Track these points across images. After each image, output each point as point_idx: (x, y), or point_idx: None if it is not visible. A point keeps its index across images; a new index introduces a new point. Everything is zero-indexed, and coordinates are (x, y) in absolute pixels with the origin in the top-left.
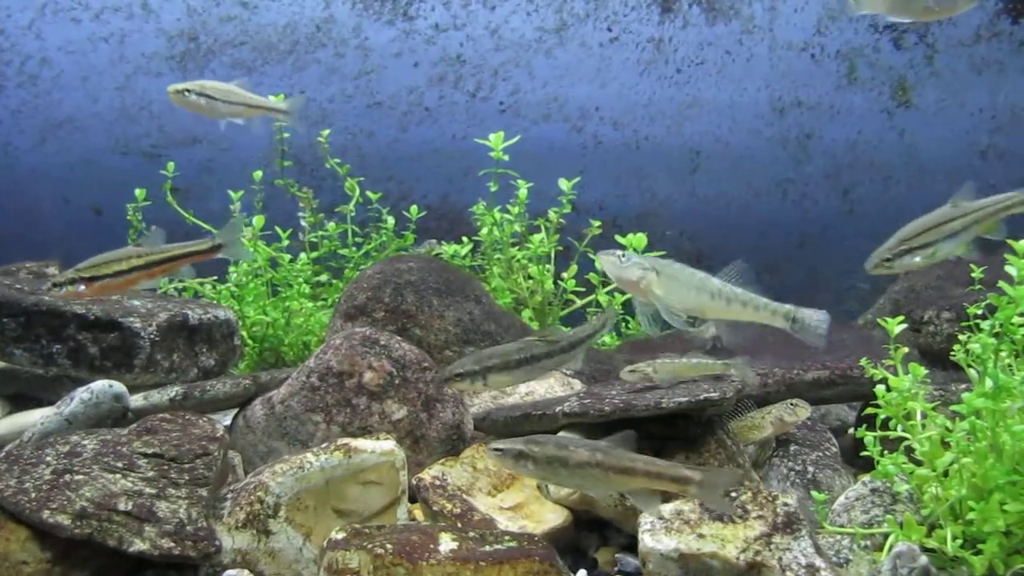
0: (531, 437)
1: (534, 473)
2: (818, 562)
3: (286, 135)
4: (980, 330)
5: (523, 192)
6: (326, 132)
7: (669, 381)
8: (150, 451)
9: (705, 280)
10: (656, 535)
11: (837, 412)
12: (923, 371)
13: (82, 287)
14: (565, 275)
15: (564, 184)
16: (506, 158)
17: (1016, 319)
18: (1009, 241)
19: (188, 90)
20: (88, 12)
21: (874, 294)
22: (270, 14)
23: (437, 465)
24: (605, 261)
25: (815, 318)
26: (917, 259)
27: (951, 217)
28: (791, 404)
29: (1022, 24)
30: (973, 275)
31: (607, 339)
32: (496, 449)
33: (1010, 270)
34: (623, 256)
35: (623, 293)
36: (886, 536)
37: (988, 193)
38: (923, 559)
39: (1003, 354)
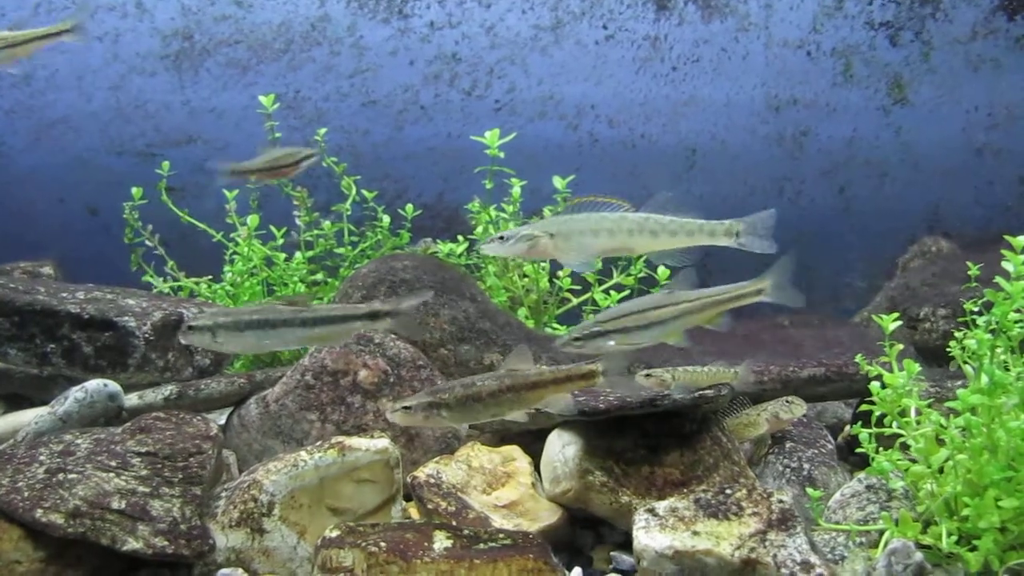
0: (434, 387)
1: (450, 419)
2: (813, 559)
3: (278, 135)
4: (976, 326)
5: (517, 190)
6: (322, 131)
7: (685, 388)
8: (144, 450)
9: (618, 220)
10: (651, 532)
11: (834, 409)
12: (917, 368)
13: None
14: (560, 273)
15: (559, 182)
16: (501, 155)
17: (1012, 315)
18: (1006, 237)
19: None
20: (82, 12)
21: (870, 292)
22: (265, 13)
23: (432, 463)
24: (489, 250)
25: (761, 219)
26: (611, 343)
27: (659, 305)
28: (786, 401)
29: (1018, 21)
30: (969, 272)
31: None
32: (404, 407)
33: (1007, 266)
34: (504, 236)
35: (618, 291)
36: (881, 533)
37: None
38: (918, 556)
39: (999, 350)
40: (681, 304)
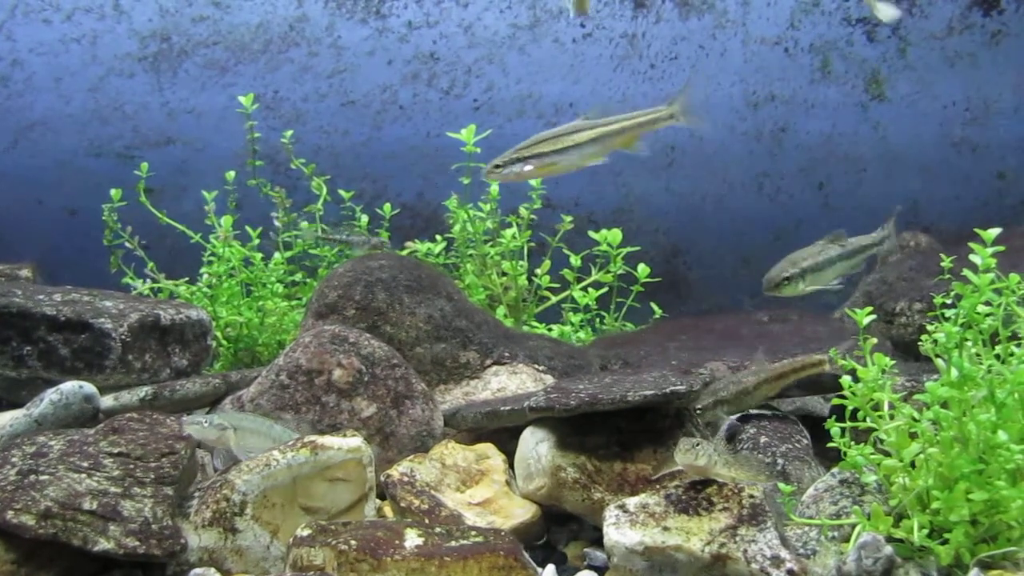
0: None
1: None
2: (783, 554)
3: (257, 135)
4: (946, 320)
5: (495, 188)
6: (288, 132)
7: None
8: (116, 451)
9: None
10: (621, 528)
11: (812, 405)
12: (888, 361)
13: None
14: (539, 271)
15: (534, 180)
16: (479, 151)
17: (981, 308)
18: (976, 230)
19: None
20: (59, 13)
21: (851, 287)
22: (243, 13)
23: (406, 461)
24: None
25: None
26: (528, 168)
27: (575, 129)
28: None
29: (994, 17)
30: (943, 265)
31: (582, 335)
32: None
33: (974, 259)
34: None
35: (597, 288)
36: (853, 527)
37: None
38: (888, 549)
39: (969, 343)
40: (597, 128)
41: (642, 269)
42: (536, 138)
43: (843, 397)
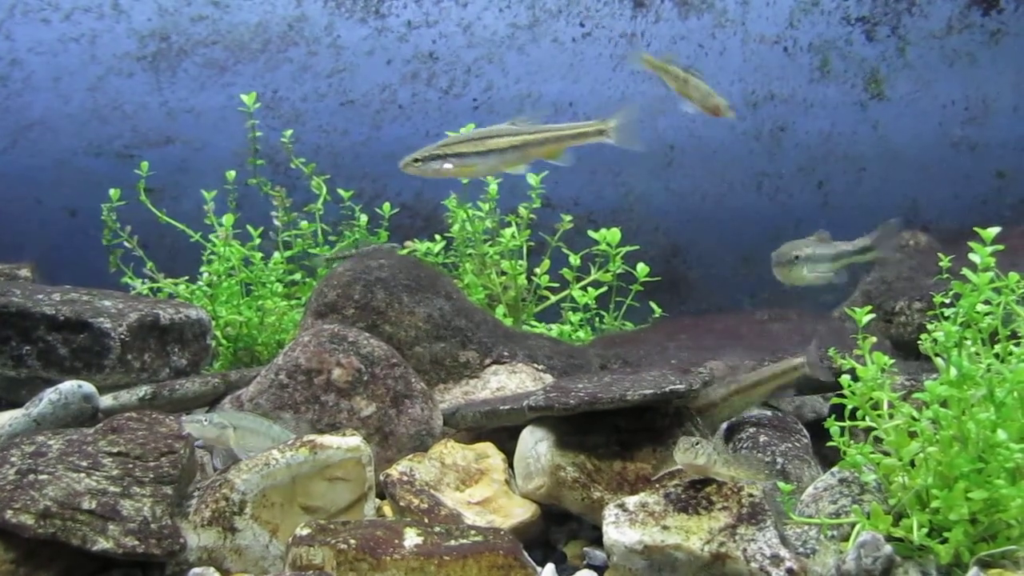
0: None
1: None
2: (782, 552)
3: (258, 133)
4: (946, 319)
5: (493, 187)
6: (288, 132)
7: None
8: (115, 450)
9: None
10: (620, 527)
11: (812, 404)
12: (887, 360)
13: None
14: (538, 270)
15: (532, 179)
16: None
17: (980, 307)
18: (975, 229)
19: None
20: (58, 13)
21: (851, 286)
22: (242, 13)
23: (405, 461)
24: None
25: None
26: (448, 166)
27: (500, 134)
28: None
29: (993, 16)
30: (941, 264)
31: (581, 334)
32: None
33: (974, 258)
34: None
35: (596, 288)
36: (853, 526)
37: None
38: (887, 548)
39: (968, 342)
40: (521, 135)
41: (641, 268)
42: (459, 137)
43: (843, 396)
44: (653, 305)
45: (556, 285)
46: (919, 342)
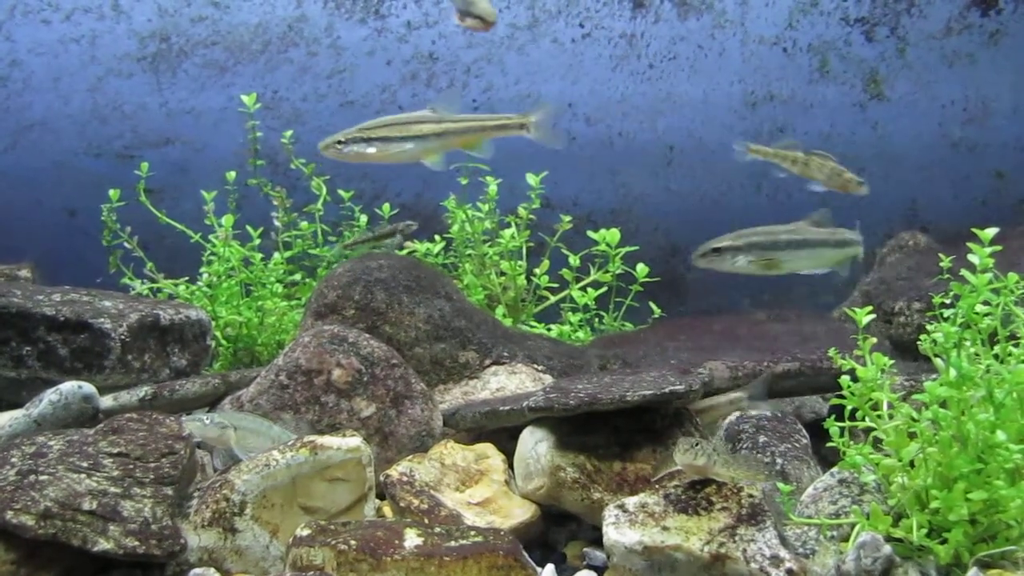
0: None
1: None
2: (782, 553)
3: (259, 134)
4: (945, 319)
5: (493, 188)
6: (288, 132)
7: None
8: (116, 451)
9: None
10: (620, 528)
11: (812, 404)
12: (887, 360)
13: None
14: (537, 271)
15: (532, 179)
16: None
17: (980, 307)
18: (974, 230)
19: None
20: (58, 13)
21: (850, 287)
22: (242, 14)
23: (405, 461)
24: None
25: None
26: (372, 149)
27: (423, 120)
28: None
29: (992, 17)
30: (941, 264)
31: (581, 334)
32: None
33: (973, 259)
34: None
35: (596, 288)
36: (853, 526)
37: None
38: (887, 548)
39: (967, 343)
40: (444, 123)
41: (641, 269)
42: (382, 120)
43: (842, 397)
44: (652, 305)
45: (555, 285)
46: (918, 343)
